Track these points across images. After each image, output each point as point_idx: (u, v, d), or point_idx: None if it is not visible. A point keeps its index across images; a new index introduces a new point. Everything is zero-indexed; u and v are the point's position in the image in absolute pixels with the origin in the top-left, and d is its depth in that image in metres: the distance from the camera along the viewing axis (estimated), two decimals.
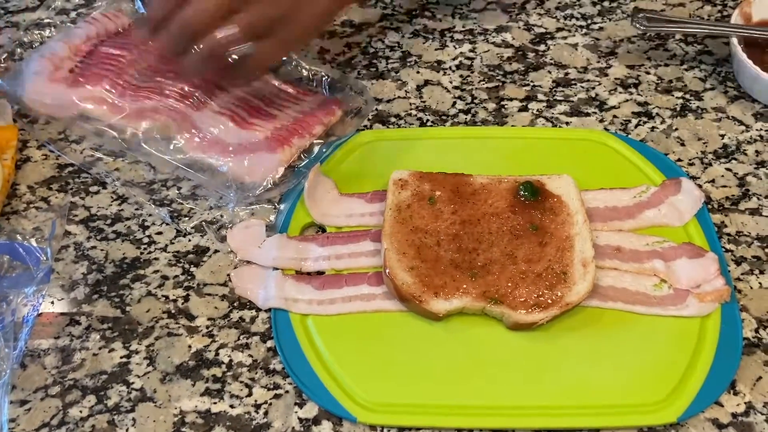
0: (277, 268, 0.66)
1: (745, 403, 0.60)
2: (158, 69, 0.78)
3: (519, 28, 0.89)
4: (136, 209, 0.71)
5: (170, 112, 0.74)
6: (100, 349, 0.62)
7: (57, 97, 0.75)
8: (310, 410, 0.59)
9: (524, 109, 0.80)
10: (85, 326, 0.63)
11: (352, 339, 0.62)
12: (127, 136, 0.74)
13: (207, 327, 0.64)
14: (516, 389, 0.60)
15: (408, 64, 0.85)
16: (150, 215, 0.71)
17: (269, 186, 0.70)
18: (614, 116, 0.80)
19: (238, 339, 0.63)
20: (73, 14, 0.88)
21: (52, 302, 0.65)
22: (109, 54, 0.78)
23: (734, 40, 0.80)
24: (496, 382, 0.60)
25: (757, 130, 0.79)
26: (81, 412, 0.59)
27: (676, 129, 0.79)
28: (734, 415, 0.59)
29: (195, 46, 0.65)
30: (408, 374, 0.60)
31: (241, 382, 0.61)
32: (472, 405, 0.59)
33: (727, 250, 0.69)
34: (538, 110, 0.80)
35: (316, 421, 0.59)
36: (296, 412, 0.59)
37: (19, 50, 0.81)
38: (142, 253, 0.68)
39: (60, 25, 0.84)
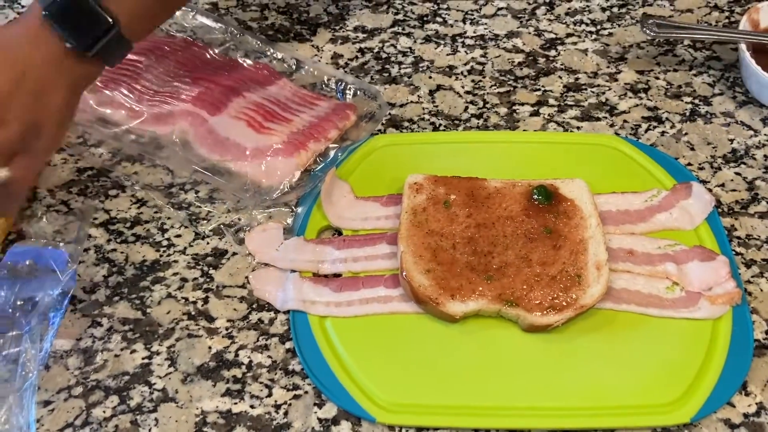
0: (294, 271, 0.67)
1: (756, 403, 0.61)
2: (175, 74, 0.79)
3: (529, 33, 0.90)
4: (155, 212, 0.72)
5: (187, 117, 0.75)
6: (121, 350, 0.63)
7: None
8: (330, 410, 0.60)
9: (535, 113, 0.81)
10: (106, 328, 0.64)
11: (370, 340, 0.63)
12: (145, 140, 0.75)
13: (226, 328, 0.65)
14: (531, 390, 0.61)
15: (420, 69, 0.86)
16: (169, 218, 0.72)
17: (286, 189, 0.71)
18: (624, 121, 0.81)
19: (258, 340, 0.64)
20: None
21: (74, 304, 0.66)
22: (127, 59, 0.79)
23: (743, 46, 0.81)
24: (511, 383, 0.61)
25: (765, 134, 0.80)
26: (104, 412, 0.60)
27: (686, 133, 0.80)
28: (746, 416, 0.60)
29: None
30: (425, 375, 0.61)
31: (261, 382, 0.62)
32: (489, 406, 0.60)
33: (737, 253, 0.70)
34: (549, 115, 0.81)
35: (336, 421, 0.60)
36: (315, 412, 0.60)
37: None
38: (161, 256, 0.69)
39: None
